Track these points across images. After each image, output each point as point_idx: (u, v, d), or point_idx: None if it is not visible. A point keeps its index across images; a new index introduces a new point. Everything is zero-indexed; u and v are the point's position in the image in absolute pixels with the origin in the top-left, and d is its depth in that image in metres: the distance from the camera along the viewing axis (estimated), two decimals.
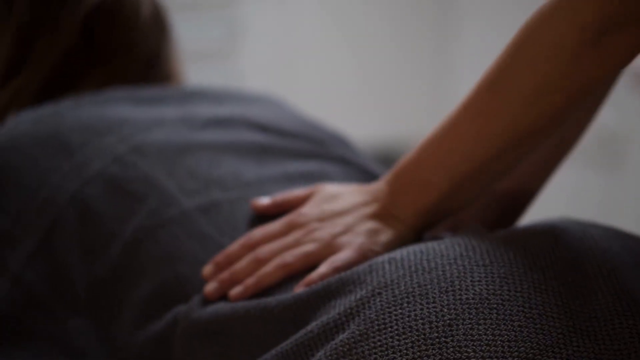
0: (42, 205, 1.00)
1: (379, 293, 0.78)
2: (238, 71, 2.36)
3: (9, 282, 1.00)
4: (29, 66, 1.19)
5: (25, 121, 1.09)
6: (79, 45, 1.19)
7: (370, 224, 0.89)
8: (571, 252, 0.81)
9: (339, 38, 2.55)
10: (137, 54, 1.22)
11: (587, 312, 0.75)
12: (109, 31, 1.20)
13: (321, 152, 1.06)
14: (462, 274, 0.78)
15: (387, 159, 2.05)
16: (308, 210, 0.91)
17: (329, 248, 0.87)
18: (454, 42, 2.59)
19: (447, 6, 2.62)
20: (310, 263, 0.87)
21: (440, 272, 0.78)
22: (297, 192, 0.95)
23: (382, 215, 0.89)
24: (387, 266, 0.80)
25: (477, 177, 0.86)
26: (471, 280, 0.77)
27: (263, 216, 0.94)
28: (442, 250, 0.81)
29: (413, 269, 0.79)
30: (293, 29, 2.46)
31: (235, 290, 0.88)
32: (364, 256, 0.87)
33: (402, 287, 0.78)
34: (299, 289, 0.84)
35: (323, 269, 0.85)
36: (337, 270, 0.85)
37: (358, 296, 0.78)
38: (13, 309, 0.99)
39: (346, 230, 0.88)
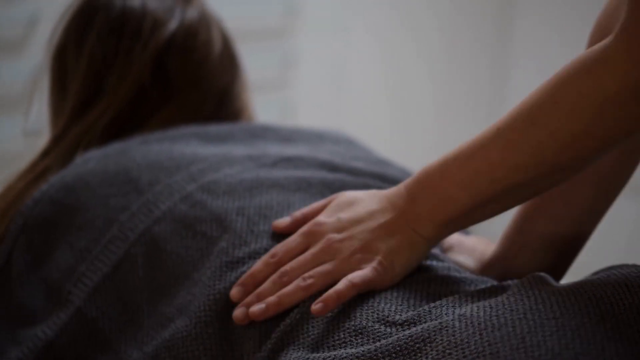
0: (109, 243, 1.01)
1: (449, 353, 0.77)
2: (291, 102, 2.37)
3: (69, 315, 1.00)
4: (100, 104, 1.19)
5: (93, 159, 1.09)
6: (150, 82, 1.20)
7: (386, 239, 0.89)
8: None
9: (393, 70, 2.56)
10: (208, 89, 1.22)
11: None
12: (181, 67, 1.20)
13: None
14: (533, 329, 0.77)
15: None
16: (325, 219, 0.92)
17: (348, 264, 0.89)
18: (510, 82, 2.58)
19: (504, 44, 2.62)
20: (330, 282, 0.89)
21: (511, 329, 0.77)
22: (316, 204, 0.96)
23: (400, 224, 0.90)
24: (457, 324, 0.79)
25: (503, 198, 0.87)
26: (542, 335, 0.76)
27: None
28: (511, 304, 0.80)
29: (482, 326, 0.78)
30: (347, 60, 2.47)
31: (257, 308, 0.89)
32: (381, 276, 0.88)
33: (472, 347, 0.77)
34: (316, 306, 0.85)
35: (341, 286, 0.87)
36: (355, 287, 0.87)
37: (429, 358, 0.78)
38: (72, 341, 1.00)
39: (364, 246, 0.89)
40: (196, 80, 1.20)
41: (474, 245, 1.07)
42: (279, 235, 0.96)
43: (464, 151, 0.87)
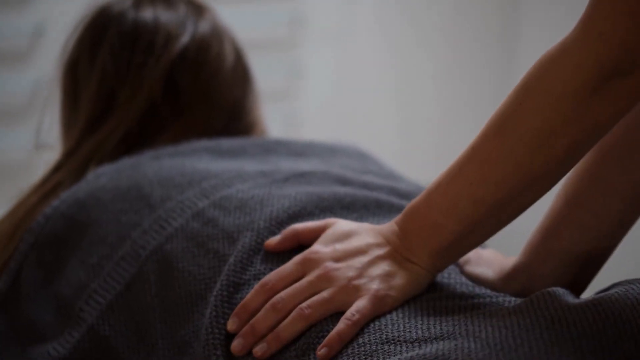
0: (121, 260, 1.00)
1: None
2: (297, 113, 2.37)
3: (82, 332, 0.99)
4: (112, 118, 1.18)
5: (105, 174, 1.08)
6: (161, 97, 1.18)
7: (384, 266, 0.88)
8: None
9: (399, 80, 2.55)
10: (219, 104, 1.20)
11: None
12: (192, 82, 1.18)
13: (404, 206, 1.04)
14: (550, 350, 0.76)
15: None
16: (321, 247, 0.91)
17: (345, 293, 0.87)
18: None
19: (511, 52, 2.62)
20: (328, 311, 0.87)
21: (527, 349, 0.76)
22: (309, 224, 0.95)
23: (395, 257, 0.89)
24: (472, 345, 0.78)
25: (489, 219, 0.86)
26: (559, 356, 0.75)
27: None
28: (527, 324, 0.79)
29: (499, 347, 0.77)
30: (352, 71, 2.46)
31: (259, 348, 0.87)
32: (380, 304, 0.86)
33: None
34: (321, 350, 0.84)
35: (342, 325, 0.85)
36: (356, 324, 0.85)
37: None
38: (84, 359, 0.99)
39: (361, 274, 0.88)
40: (206, 95, 1.19)
41: (491, 257, 1.06)
42: (282, 255, 0.95)
43: (445, 177, 0.87)
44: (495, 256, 1.06)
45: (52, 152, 1.29)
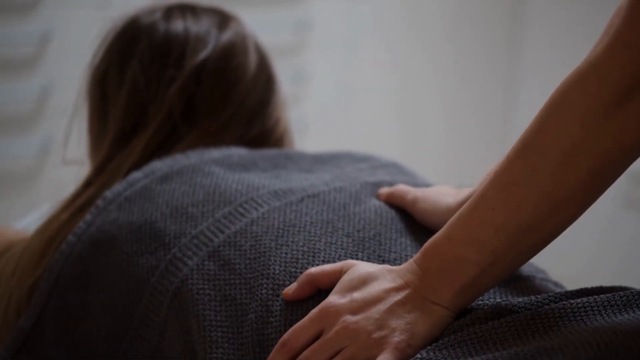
0: (147, 311, 0.98)
1: None
2: (302, 118, 2.36)
3: None
4: (142, 134, 1.13)
5: (114, 201, 1.04)
6: (179, 110, 1.15)
7: (404, 313, 0.85)
8: None
9: (404, 86, 2.55)
10: (237, 114, 1.16)
11: None
12: (210, 93, 1.15)
13: (420, 226, 1.02)
14: None
15: None
16: (337, 299, 0.88)
17: (367, 348, 0.84)
18: (521, 98, 2.58)
19: (515, 64, 2.62)
20: None
21: None
22: (325, 268, 0.92)
23: (416, 299, 0.86)
24: None
25: (510, 250, 0.83)
26: None
27: None
28: (579, 355, 0.76)
29: None
30: (357, 76, 2.46)
31: None
32: (403, 356, 0.84)
33: None
34: None
35: None
36: None
37: None
38: None
39: (381, 326, 0.85)
40: (224, 106, 1.15)
41: (441, 189, 1.03)
42: (300, 303, 0.92)
43: (466, 207, 0.84)
44: (445, 187, 1.04)
45: (59, 160, 1.29)
